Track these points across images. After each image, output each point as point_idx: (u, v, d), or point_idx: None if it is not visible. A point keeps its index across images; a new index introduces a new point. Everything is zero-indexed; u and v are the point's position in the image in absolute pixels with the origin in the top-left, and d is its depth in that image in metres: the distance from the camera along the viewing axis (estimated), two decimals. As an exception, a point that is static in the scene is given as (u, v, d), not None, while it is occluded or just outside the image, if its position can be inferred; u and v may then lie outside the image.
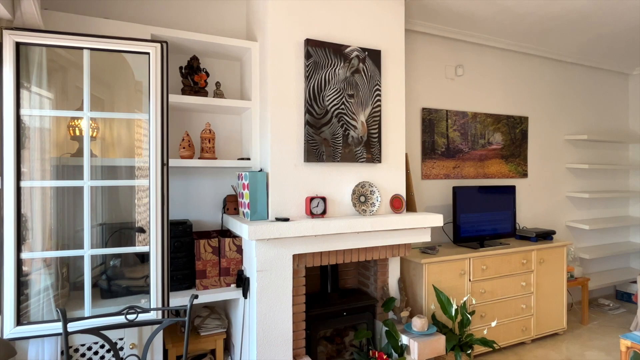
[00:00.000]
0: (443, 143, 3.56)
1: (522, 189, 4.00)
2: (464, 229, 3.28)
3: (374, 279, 2.84)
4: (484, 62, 3.81)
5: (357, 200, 2.55)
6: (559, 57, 4.20)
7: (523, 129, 4.00)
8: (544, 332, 3.46)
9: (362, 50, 2.57)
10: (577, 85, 4.43)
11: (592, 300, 4.52)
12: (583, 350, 3.30)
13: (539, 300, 3.42)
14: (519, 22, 3.36)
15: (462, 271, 3.04)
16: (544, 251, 3.44)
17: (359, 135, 2.56)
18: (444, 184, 3.57)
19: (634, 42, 3.82)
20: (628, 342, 2.50)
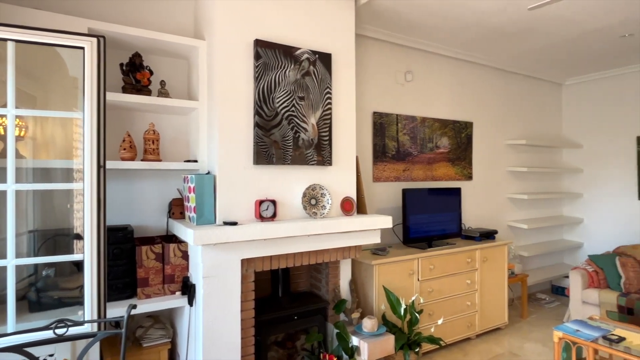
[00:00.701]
0: (393, 146, 3.65)
1: (468, 190, 4.19)
2: (413, 230, 3.37)
3: (325, 281, 2.84)
4: (433, 69, 3.95)
5: (308, 203, 2.54)
6: (501, 66, 4.45)
7: (468, 134, 4.19)
8: (488, 327, 3.63)
9: (313, 53, 2.57)
10: (517, 93, 4.71)
11: (531, 295, 4.82)
12: (522, 343, 3.50)
13: (483, 297, 3.58)
14: (464, 32, 3.51)
15: (411, 271, 3.12)
16: (487, 250, 3.61)
17: (309, 137, 2.55)
18: (395, 186, 3.66)
19: (566, 54, 4.12)
20: (560, 333, 2.68)
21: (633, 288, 3.64)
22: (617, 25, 3.37)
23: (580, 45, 3.85)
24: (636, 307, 3.37)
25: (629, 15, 3.17)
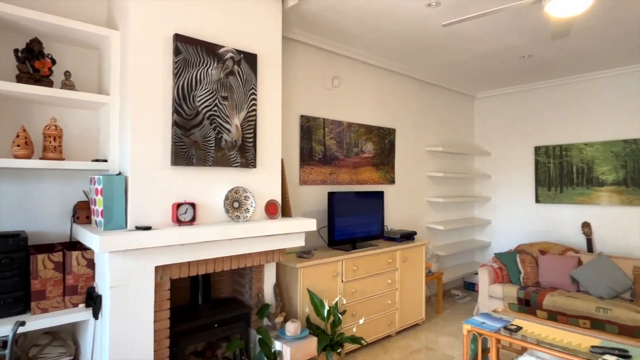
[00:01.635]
0: (320, 150, 3.69)
1: (390, 194, 4.39)
2: (338, 232, 3.43)
3: (249, 286, 2.78)
4: (359, 76, 4.08)
5: (231, 206, 2.46)
6: (421, 77, 4.73)
7: (391, 140, 4.39)
8: (407, 324, 3.82)
9: (238, 52, 2.51)
10: (435, 103, 5.05)
11: (446, 291, 5.17)
12: (438, 337, 3.73)
13: (403, 295, 3.76)
14: (387, 42, 3.68)
15: (335, 273, 3.17)
16: (407, 250, 3.80)
17: (233, 139, 2.48)
18: (321, 189, 3.70)
19: (477, 70, 4.51)
20: (469, 326, 2.90)
21: (530, 282, 4.07)
22: (519, 46, 3.76)
23: (489, 62, 4.24)
24: (532, 299, 3.77)
25: (527, 38, 3.55)
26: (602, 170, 4.51)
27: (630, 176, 4.33)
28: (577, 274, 3.85)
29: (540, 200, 4.99)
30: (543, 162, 4.97)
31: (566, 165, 4.78)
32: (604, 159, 4.50)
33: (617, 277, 3.67)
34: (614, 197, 4.43)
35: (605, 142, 4.50)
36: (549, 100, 4.97)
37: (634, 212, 4.32)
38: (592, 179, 4.58)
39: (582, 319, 3.46)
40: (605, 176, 4.49)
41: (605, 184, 4.49)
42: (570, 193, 4.74)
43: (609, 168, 4.47)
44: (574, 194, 4.71)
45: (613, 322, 3.30)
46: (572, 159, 4.74)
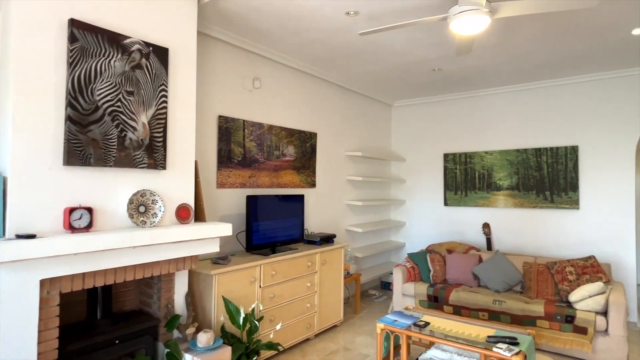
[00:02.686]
0: (240, 152, 3.59)
1: (311, 197, 4.42)
2: (256, 237, 3.36)
3: (157, 297, 2.58)
4: (281, 79, 4.05)
5: (136, 211, 2.27)
6: (342, 83, 4.86)
7: (312, 144, 4.43)
8: (326, 326, 3.86)
9: (146, 44, 2.33)
10: (356, 109, 5.22)
11: (364, 292, 5.35)
12: (355, 337, 3.83)
13: (322, 297, 3.80)
14: (308, 47, 3.71)
15: (253, 278, 3.09)
16: (326, 253, 3.85)
17: (139, 138, 2.29)
18: (240, 192, 3.60)
19: (394, 80, 4.75)
20: (382, 325, 3.00)
21: (439, 279, 4.37)
22: (431, 60, 4.04)
23: (405, 73, 4.49)
24: (440, 296, 4.04)
25: (437, 53, 3.82)
26: (499, 176, 5.02)
27: (521, 182, 4.87)
28: (478, 271, 4.22)
29: (448, 203, 5.40)
30: (451, 168, 5.40)
31: (470, 171, 5.24)
32: (500, 166, 5.02)
33: (510, 272, 4.09)
34: (508, 200, 4.95)
35: (502, 151, 5.02)
36: (456, 111, 5.42)
37: (524, 214, 4.86)
38: (491, 184, 5.08)
39: (482, 312, 3.79)
40: (501, 181, 5.01)
41: (502, 189, 5.00)
42: (474, 197, 5.20)
43: (504, 174, 4.99)
44: (476, 197, 5.18)
45: (507, 313, 3.67)
46: (475, 165, 5.21)
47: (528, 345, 2.66)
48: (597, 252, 4.41)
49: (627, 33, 3.31)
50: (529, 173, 4.82)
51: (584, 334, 3.31)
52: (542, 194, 4.72)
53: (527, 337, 2.76)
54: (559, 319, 3.42)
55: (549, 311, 3.48)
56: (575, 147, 4.54)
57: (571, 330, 3.37)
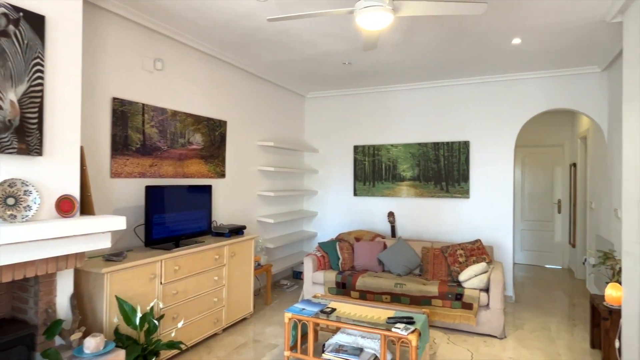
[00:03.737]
0: (138, 139, 3.30)
1: (220, 188, 4.26)
2: (157, 231, 3.13)
3: (34, 301, 2.27)
4: (187, 62, 3.80)
5: (3, 204, 1.95)
6: (255, 72, 4.73)
7: (222, 132, 4.26)
8: (235, 319, 3.78)
9: (15, 9, 1.99)
10: (268, 98, 5.13)
11: (276, 282, 5.36)
12: (264, 328, 3.81)
13: (230, 291, 3.70)
14: (217, 31, 3.52)
15: (152, 275, 2.88)
16: (235, 245, 3.74)
17: (6, 118, 1.96)
18: (139, 183, 3.32)
19: (306, 71, 4.76)
20: (290, 314, 3.02)
21: (347, 266, 4.54)
22: (341, 53, 4.12)
23: (317, 65, 4.52)
24: (347, 282, 4.20)
25: (347, 46, 3.91)
26: (403, 167, 5.36)
27: (422, 173, 5.26)
28: (383, 257, 4.47)
29: (357, 193, 5.63)
30: (360, 160, 5.62)
31: (378, 163, 5.51)
32: (404, 158, 5.36)
33: (410, 257, 4.41)
34: (411, 190, 5.32)
35: (406, 144, 5.35)
36: (366, 105, 5.64)
37: (424, 203, 5.27)
38: (396, 175, 5.40)
39: (385, 295, 4.03)
40: (405, 173, 5.35)
41: (405, 179, 5.35)
42: (380, 187, 5.48)
43: (408, 166, 5.34)
44: (383, 187, 5.47)
45: (407, 295, 3.95)
46: (382, 157, 5.49)
47: (422, 323, 2.89)
48: (483, 236, 4.96)
49: (508, 42, 3.72)
50: (428, 165, 5.23)
51: (470, 309, 3.71)
52: (440, 185, 5.16)
53: (422, 316, 3.00)
54: (450, 297, 3.78)
55: (442, 291, 3.82)
56: (467, 143, 5.03)
57: (460, 307, 3.74)
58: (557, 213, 6.66)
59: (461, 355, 3.30)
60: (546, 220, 6.74)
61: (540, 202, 6.78)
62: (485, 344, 3.52)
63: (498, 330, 3.64)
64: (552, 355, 3.32)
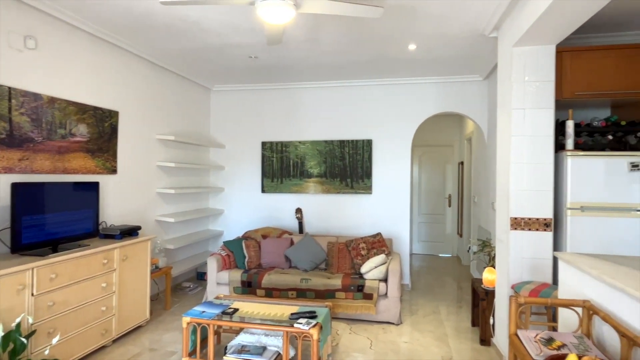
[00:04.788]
0: (4, 128, 2.82)
1: (111, 185, 3.86)
2: (28, 234, 2.71)
3: None
4: (69, 43, 3.36)
5: None
6: (153, 59, 4.37)
7: (113, 124, 3.86)
8: (127, 328, 3.46)
9: None
10: (169, 89, 4.79)
11: (177, 285, 5.05)
12: (162, 335, 3.55)
13: (122, 298, 3.38)
14: (105, 9, 3.16)
15: (21, 286, 2.49)
16: (127, 248, 3.42)
17: None
18: (3, 179, 2.84)
19: (211, 62, 4.54)
20: (188, 318, 2.85)
21: (253, 265, 4.46)
22: (247, 47, 4.01)
23: (222, 57, 4.34)
24: (253, 280, 4.13)
25: (253, 40, 3.81)
26: (311, 164, 5.44)
27: (329, 170, 5.39)
28: (290, 253, 4.49)
29: (265, 190, 5.56)
30: (268, 156, 5.56)
31: (286, 160, 5.51)
32: (312, 155, 5.44)
33: (316, 252, 4.49)
34: (318, 186, 5.42)
35: (313, 141, 5.44)
36: (275, 101, 5.59)
37: (330, 199, 5.41)
38: (304, 172, 5.46)
39: (291, 291, 4.04)
40: (312, 169, 5.43)
41: (313, 176, 5.43)
42: (288, 184, 5.49)
43: (315, 163, 5.43)
44: (291, 184, 5.49)
45: (312, 289, 4.01)
46: (290, 154, 5.50)
47: (324, 316, 2.95)
48: (384, 229, 5.26)
49: (405, 47, 3.97)
50: (334, 162, 5.38)
51: (370, 299, 3.90)
52: (345, 181, 5.34)
53: (324, 310, 3.06)
54: (352, 289, 3.93)
55: (345, 283, 3.96)
56: (370, 141, 5.28)
57: (361, 298, 3.92)
58: (448, 207, 7.37)
59: (361, 343, 3.45)
60: (439, 213, 7.42)
61: (434, 197, 7.44)
62: (384, 331, 3.73)
63: (395, 317, 3.89)
64: (441, 336, 3.64)
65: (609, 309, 1.68)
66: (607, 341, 1.67)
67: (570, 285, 2.09)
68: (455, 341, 3.53)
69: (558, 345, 1.61)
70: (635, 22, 3.36)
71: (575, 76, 3.11)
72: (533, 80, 3.00)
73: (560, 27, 2.62)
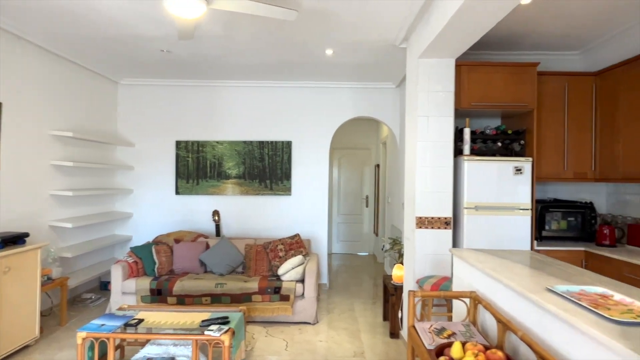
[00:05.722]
0: None
1: (-8, 187, 3.37)
2: None
3: None
4: None
5: None
6: (46, 45, 3.90)
7: (-6, 116, 3.37)
8: (9, 351, 3.03)
9: None
10: (66, 80, 4.32)
11: (77, 297, 4.57)
12: (54, 354, 3.18)
13: (5, 315, 2.96)
14: (-20, -17, 2.75)
15: None
16: (11, 258, 3.01)
17: None
18: None
19: (117, 53, 4.18)
20: (84, 333, 2.59)
21: (164, 271, 4.20)
22: (157, 39, 3.76)
23: (130, 48, 4.02)
24: (164, 288, 3.89)
25: (164, 32, 3.60)
26: (229, 165, 5.30)
27: (247, 171, 5.30)
28: (205, 257, 4.31)
29: (180, 191, 5.29)
30: (183, 156, 5.29)
31: (202, 160, 5.30)
32: (230, 156, 5.30)
33: (233, 255, 4.37)
34: (236, 188, 5.29)
35: (232, 141, 5.30)
36: (191, 98, 5.34)
37: (249, 200, 5.32)
38: (222, 173, 5.29)
39: (205, 297, 3.88)
40: (230, 170, 5.29)
41: (231, 177, 5.29)
42: (205, 185, 5.28)
43: (233, 164, 5.30)
44: (207, 185, 5.28)
45: (227, 294, 3.89)
46: (207, 154, 5.30)
47: (237, 321, 2.88)
48: (302, 230, 5.31)
49: (322, 51, 4.06)
50: (253, 163, 5.30)
51: (287, 301, 3.90)
52: (264, 182, 5.29)
53: (237, 314, 2.99)
54: (269, 292, 3.90)
55: (262, 286, 3.91)
56: (290, 142, 5.30)
57: (278, 300, 3.90)
58: (365, 207, 7.69)
59: (277, 346, 3.44)
60: (357, 213, 7.70)
61: (352, 198, 7.70)
62: (300, 332, 3.76)
63: (312, 317, 3.94)
64: (354, 332, 3.77)
65: (490, 299, 1.87)
66: (489, 327, 1.86)
67: (462, 278, 2.30)
68: (368, 336, 3.68)
69: (448, 334, 1.76)
70: (521, 44, 3.82)
71: (472, 88, 3.44)
72: (436, 90, 3.25)
73: (458, 42, 2.88)
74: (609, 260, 3.09)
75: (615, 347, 1.06)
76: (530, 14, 3.20)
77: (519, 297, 1.62)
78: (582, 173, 3.63)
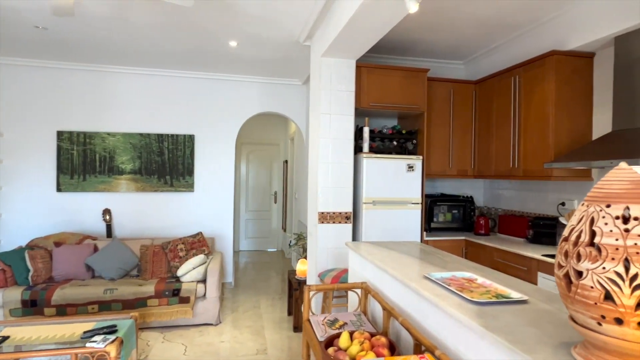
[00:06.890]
0: None
1: None
2: None
3: None
4: None
5: None
6: None
7: None
8: None
9: None
10: None
11: None
12: None
13: None
14: None
15: None
16: None
17: None
18: None
19: (-26, 24, 3.54)
20: None
21: (41, 279, 3.70)
22: (30, 12, 3.26)
23: (-9, 19, 3.43)
24: (40, 298, 3.42)
25: (35, 5, 3.13)
26: (122, 159, 4.85)
27: (144, 166, 4.90)
28: (92, 261, 3.89)
29: (62, 189, 4.68)
30: (66, 149, 4.70)
31: (90, 153, 4.76)
32: (124, 149, 4.85)
33: (127, 257, 4.02)
34: (131, 184, 4.87)
35: (126, 133, 4.85)
36: (77, 84, 4.75)
37: (146, 198, 4.93)
38: (114, 168, 4.82)
39: (92, 305, 3.51)
40: (124, 165, 4.85)
41: (125, 173, 4.85)
42: (93, 181, 4.76)
43: (128, 158, 4.86)
44: (96, 182, 4.77)
45: (118, 300, 3.57)
46: (96, 147, 4.78)
47: (127, 329, 2.65)
48: (206, 228, 5.10)
49: (226, 42, 3.91)
50: (151, 158, 4.93)
51: (187, 303, 3.71)
52: (164, 178, 4.95)
53: (127, 322, 2.75)
54: (167, 295, 3.67)
55: (159, 289, 3.66)
56: (193, 136, 5.04)
57: (177, 302, 3.69)
58: (274, 203, 7.67)
59: (175, 351, 3.25)
60: (265, 210, 7.65)
61: (261, 194, 7.63)
62: (201, 334, 3.61)
63: (214, 317, 3.81)
64: (258, 329, 3.74)
65: (378, 288, 2.00)
66: (377, 315, 1.98)
67: (356, 270, 2.41)
68: (272, 332, 3.67)
69: (340, 324, 1.82)
70: (414, 50, 4.13)
71: (371, 89, 3.62)
72: (338, 89, 3.35)
73: (357, 44, 2.99)
74: (483, 247, 3.51)
75: (471, 325, 1.20)
76: (422, 25, 3.47)
77: (401, 285, 1.75)
78: (463, 170, 4.07)
